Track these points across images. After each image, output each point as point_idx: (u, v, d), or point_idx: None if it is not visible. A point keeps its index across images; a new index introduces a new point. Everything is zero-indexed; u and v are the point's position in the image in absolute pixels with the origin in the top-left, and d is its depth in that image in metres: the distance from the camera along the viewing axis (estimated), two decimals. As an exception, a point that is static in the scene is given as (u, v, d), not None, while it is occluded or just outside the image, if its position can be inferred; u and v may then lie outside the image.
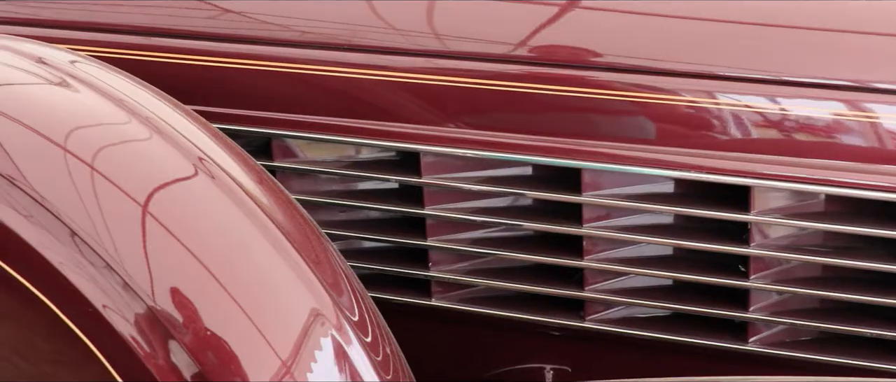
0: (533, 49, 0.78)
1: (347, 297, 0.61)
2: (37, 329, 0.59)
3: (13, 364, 0.62)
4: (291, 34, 0.82)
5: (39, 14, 0.87)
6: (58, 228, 0.57)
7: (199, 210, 0.59)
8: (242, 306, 0.56)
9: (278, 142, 0.81)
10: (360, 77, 0.80)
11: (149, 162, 0.60)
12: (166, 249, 0.56)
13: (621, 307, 0.79)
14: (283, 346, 0.56)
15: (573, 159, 0.76)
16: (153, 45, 0.83)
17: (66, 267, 0.56)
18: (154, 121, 0.63)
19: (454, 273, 0.80)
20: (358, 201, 0.81)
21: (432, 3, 0.83)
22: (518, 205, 0.80)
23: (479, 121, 0.78)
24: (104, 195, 0.58)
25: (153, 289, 0.55)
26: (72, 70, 0.67)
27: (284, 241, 0.59)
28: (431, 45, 0.79)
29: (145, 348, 0.54)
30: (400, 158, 0.81)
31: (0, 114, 0.62)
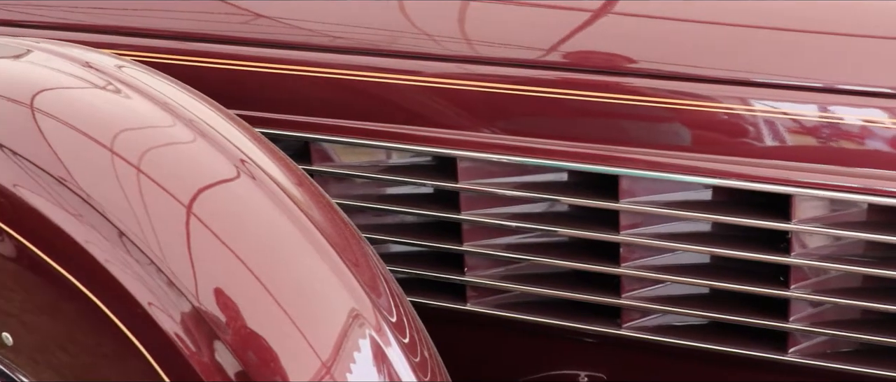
0: (567, 54, 0.78)
1: (386, 299, 0.61)
2: (79, 323, 0.60)
3: (55, 356, 0.64)
4: (330, 39, 0.83)
5: (84, 20, 0.89)
6: (105, 227, 0.58)
7: (242, 211, 0.60)
8: (283, 306, 0.57)
9: (316, 145, 0.82)
10: (397, 82, 0.80)
11: (193, 164, 0.62)
12: (210, 249, 0.57)
13: (658, 314, 0.78)
14: (323, 347, 0.57)
15: (610, 166, 0.75)
16: (194, 50, 0.85)
17: (112, 264, 0.57)
18: (198, 124, 0.65)
19: (489, 278, 0.80)
20: (394, 205, 0.82)
21: (469, 8, 0.83)
22: (553, 211, 0.80)
23: (515, 126, 0.78)
24: (150, 195, 0.59)
25: (197, 288, 0.56)
26: (118, 74, 0.69)
27: (324, 243, 0.60)
28: (467, 51, 0.80)
29: (190, 345, 0.55)
30: (435, 163, 0.81)
31: (50, 117, 0.64)
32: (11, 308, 0.64)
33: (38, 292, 0.62)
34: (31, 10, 0.91)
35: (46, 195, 0.60)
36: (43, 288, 0.61)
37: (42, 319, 0.63)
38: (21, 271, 0.62)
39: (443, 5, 0.83)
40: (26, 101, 0.64)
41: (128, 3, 0.88)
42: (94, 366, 0.61)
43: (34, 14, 0.90)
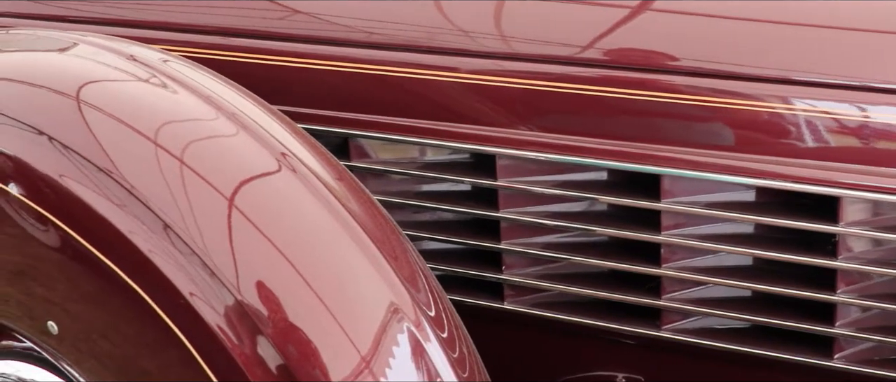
0: (606, 51, 0.77)
1: (425, 294, 0.61)
2: (121, 312, 0.61)
3: (97, 345, 0.64)
4: (370, 36, 0.83)
5: (129, 15, 0.90)
6: (149, 218, 0.58)
7: (283, 204, 0.60)
8: (324, 300, 0.57)
9: (355, 141, 0.82)
10: (436, 79, 0.80)
11: (235, 157, 0.62)
12: (251, 242, 0.58)
13: (699, 317, 0.77)
14: (363, 341, 0.56)
15: (652, 165, 0.74)
16: (235, 46, 0.85)
17: (155, 254, 0.57)
18: (240, 117, 0.65)
19: (527, 277, 0.79)
20: (431, 202, 0.81)
21: (507, 5, 0.83)
22: (592, 210, 0.79)
23: (553, 123, 0.77)
24: (193, 188, 0.60)
25: (238, 281, 0.56)
26: (162, 67, 0.70)
27: (364, 237, 0.60)
28: (506, 48, 0.79)
29: (231, 337, 0.55)
30: (474, 160, 0.81)
31: (95, 109, 0.65)
32: (55, 296, 0.65)
33: (81, 281, 0.63)
34: (77, 6, 0.92)
35: (91, 185, 0.60)
36: (86, 277, 0.62)
37: (85, 308, 0.64)
38: (65, 260, 0.63)
39: (482, 2, 0.82)
40: (72, 93, 0.65)
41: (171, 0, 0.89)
42: (135, 356, 0.62)
43: (80, 9, 0.92)
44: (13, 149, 0.64)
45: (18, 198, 0.63)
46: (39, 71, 0.68)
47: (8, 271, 0.67)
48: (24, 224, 0.64)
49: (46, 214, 0.62)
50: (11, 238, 0.65)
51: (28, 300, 0.67)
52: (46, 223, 0.63)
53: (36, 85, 0.67)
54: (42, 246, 0.64)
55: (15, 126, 0.65)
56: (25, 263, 0.66)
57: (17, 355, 0.70)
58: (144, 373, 0.61)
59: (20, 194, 0.63)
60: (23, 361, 0.70)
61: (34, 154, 0.63)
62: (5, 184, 0.64)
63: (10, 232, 0.65)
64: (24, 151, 0.64)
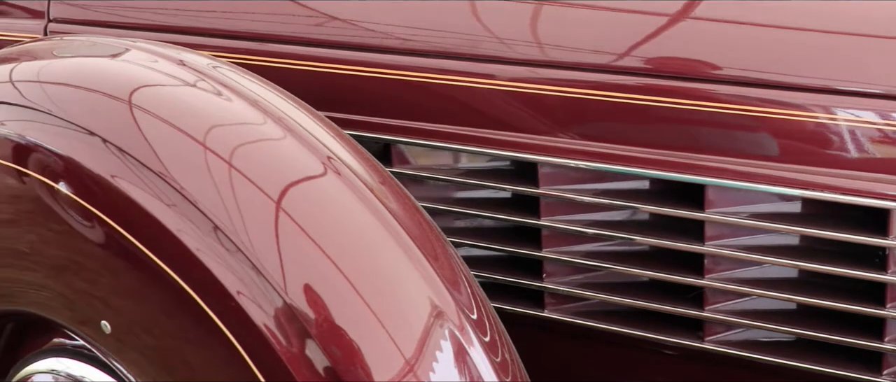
0: (648, 60, 0.76)
1: (467, 298, 0.61)
2: (166, 308, 0.62)
3: (140, 339, 0.66)
4: (410, 43, 0.84)
5: (179, 22, 0.92)
6: (198, 218, 0.60)
7: (330, 207, 0.61)
8: (369, 303, 0.57)
9: (396, 147, 0.83)
10: (477, 86, 0.81)
11: (282, 160, 0.63)
12: (298, 243, 0.58)
13: (742, 329, 0.76)
14: (407, 344, 0.57)
15: (696, 175, 0.74)
16: (281, 52, 0.87)
17: (203, 253, 0.58)
18: (286, 121, 0.66)
19: (568, 285, 0.79)
20: (471, 209, 0.82)
21: (548, 13, 0.83)
22: (634, 219, 0.79)
23: (594, 131, 0.77)
24: (241, 190, 0.61)
25: (285, 281, 0.57)
26: (211, 72, 0.71)
27: (408, 239, 0.61)
28: (548, 56, 0.79)
29: (279, 336, 0.56)
30: (514, 168, 0.81)
31: (146, 113, 0.66)
32: (97, 291, 0.67)
33: (125, 277, 0.64)
34: (128, 13, 0.94)
35: (142, 185, 0.62)
36: (131, 273, 0.63)
37: (128, 303, 0.65)
38: (109, 256, 0.65)
39: (522, 9, 0.82)
40: (125, 97, 0.67)
41: (219, 7, 0.90)
42: (177, 350, 0.63)
43: (132, 16, 0.94)
44: (66, 149, 0.66)
45: (67, 196, 0.65)
46: (93, 76, 0.70)
47: (52, 265, 0.69)
48: (70, 221, 0.66)
49: (95, 211, 0.64)
50: (57, 234, 0.67)
51: (72, 294, 0.68)
52: (93, 220, 0.64)
53: (90, 89, 0.69)
54: (87, 242, 0.65)
55: (69, 128, 0.67)
56: (69, 258, 0.68)
57: (68, 352, 0.72)
58: (188, 368, 0.62)
59: (70, 192, 0.65)
60: (73, 358, 0.72)
61: (86, 154, 0.65)
62: (55, 182, 0.66)
63: (56, 229, 0.67)
64: (77, 152, 0.65)
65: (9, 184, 0.70)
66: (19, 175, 0.69)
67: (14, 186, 0.70)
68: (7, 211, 0.71)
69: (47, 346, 0.74)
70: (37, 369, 0.73)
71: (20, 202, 0.70)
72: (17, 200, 0.70)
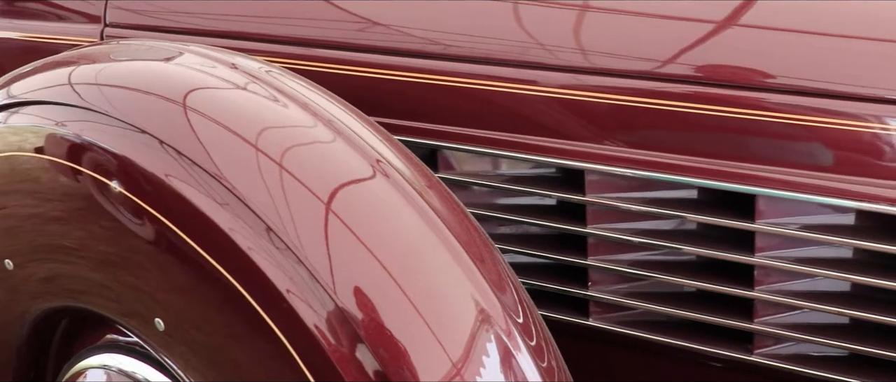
0: (697, 68, 0.76)
1: (513, 302, 0.61)
2: (215, 304, 0.63)
3: (188, 334, 0.67)
4: (459, 49, 0.84)
5: (231, 27, 0.94)
6: (249, 217, 0.60)
7: (379, 209, 0.62)
8: (417, 306, 0.57)
9: (441, 153, 0.83)
10: (524, 92, 0.81)
11: (332, 162, 0.64)
12: (347, 245, 0.59)
13: (792, 342, 0.74)
14: (454, 348, 0.57)
15: (747, 184, 0.73)
16: (328, 57, 0.88)
17: (254, 252, 0.59)
18: (336, 124, 0.67)
19: (614, 294, 0.78)
20: (517, 215, 0.81)
21: (596, 20, 0.83)
22: (682, 229, 0.78)
23: (643, 140, 0.76)
24: (291, 191, 0.61)
25: (334, 281, 0.57)
26: (262, 76, 0.72)
27: (455, 243, 0.61)
28: (595, 63, 0.79)
29: (328, 335, 0.56)
30: (561, 175, 0.81)
31: (200, 114, 0.68)
32: (146, 286, 0.68)
33: (174, 273, 0.65)
34: (182, 18, 0.97)
35: (195, 184, 0.63)
36: (180, 269, 0.65)
37: (177, 298, 0.66)
38: (159, 253, 0.66)
39: (569, 15, 0.82)
40: (179, 99, 0.68)
41: (270, 13, 0.92)
42: (224, 346, 0.64)
43: (185, 21, 0.96)
44: (121, 148, 0.68)
45: (120, 194, 0.67)
46: (149, 78, 0.72)
47: (100, 261, 0.71)
48: (120, 217, 0.67)
49: (148, 209, 0.65)
50: (107, 230, 0.69)
51: (121, 289, 0.69)
52: (144, 217, 0.65)
53: (145, 91, 0.70)
54: (137, 238, 0.67)
55: (124, 128, 0.68)
56: (118, 254, 0.69)
57: (121, 348, 0.74)
58: (235, 364, 0.63)
59: (123, 190, 0.66)
60: (125, 354, 0.73)
61: (141, 154, 0.66)
62: (109, 180, 0.67)
63: (106, 226, 0.69)
64: (132, 151, 0.67)
65: (62, 181, 0.72)
66: (73, 173, 0.70)
67: (67, 184, 0.71)
68: (58, 208, 0.73)
69: (101, 342, 0.76)
70: (90, 364, 0.75)
71: (72, 199, 0.71)
72: (69, 198, 0.72)
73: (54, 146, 0.72)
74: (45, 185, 0.73)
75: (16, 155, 0.75)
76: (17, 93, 0.76)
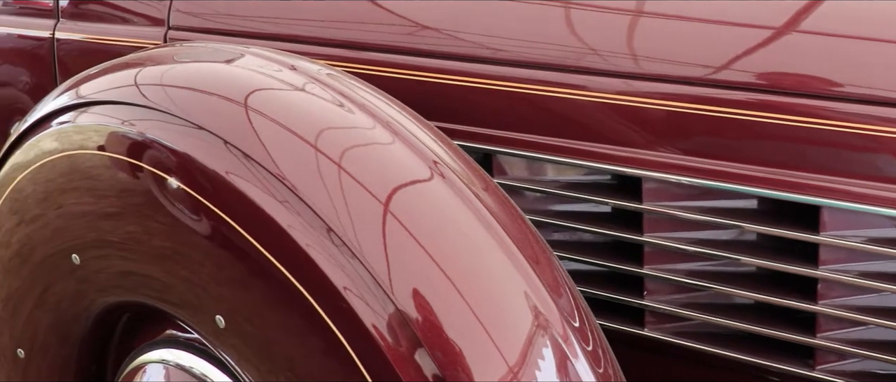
0: (759, 75, 0.74)
1: (568, 304, 0.60)
2: (269, 298, 0.64)
3: (240, 326, 0.67)
4: (514, 54, 0.84)
5: (289, 31, 0.95)
6: (308, 215, 0.61)
7: (436, 211, 0.62)
8: (474, 308, 0.57)
9: (496, 158, 0.83)
10: (579, 98, 0.80)
11: (391, 163, 0.64)
12: (405, 245, 0.59)
13: (857, 359, 0.72)
14: (511, 352, 0.56)
15: (810, 195, 0.71)
16: (384, 61, 0.89)
17: (312, 249, 0.60)
18: (394, 126, 0.67)
19: (670, 304, 0.77)
20: (570, 222, 0.81)
21: (655, 26, 0.81)
22: (741, 239, 0.76)
23: (701, 148, 0.75)
24: (350, 191, 0.62)
25: (391, 281, 0.57)
26: (321, 78, 0.73)
27: (511, 244, 0.60)
28: (653, 69, 0.78)
29: (385, 334, 0.56)
30: (616, 182, 0.80)
31: (260, 114, 0.69)
32: (198, 279, 0.69)
33: (230, 267, 0.66)
34: (243, 22, 0.98)
35: (255, 181, 0.64)
36: (236, 263, 0.65)
37: (231, 292, 0.67)
38: (215, 247, 0.67)
39: (627, 22, 0.82)
40: (241, 100, 0.69)
41: (328, 17, 0.93)
42: (278, 340, 0.64)
43: (246, 25, 0.98)
44: (183, 146, 0.69)
45: (178, 189, 0.68)
46: (212, 79, 0.73)
47: (155, 254, 0.72)
48: (176, 213, 0.68)
49: (206, 204, 0.66)
50: (162, 225, 0.70)
51: (175, 282, 0.70)
52: (200, 212, 0.66)
53: (208, 92, 0.72)
54: (193, 233, 0.68)
55: (185, 126, 0.70)
56: (172, 248, 0.70)
57: (180, 343, 0.75)
58: (288, 358, 0.63)
59: (181, 185, 0.67)
60: (183, 349, 0.74)
61: (202, 151, 0.68)
62: (167, 175, 0.69)
63: (162, 220, 0.70)
64: (193, 148, 0.68)
65: (121, 178, 0.73)
66: (132, 169, 0.72)
67: (125, 180, 0.73)
68: (115, 204, 0.74)
69: (160, 337, 0.77)
70: (149, 358, 0.76)
71: (130, 195, 0.73)
72: (127, 194, 0.73)
73: (116, 143, 0.73)
74: (104, 182, 0.75)
75: (78, 153, 0.77)
76: (84, 94, 0.79)
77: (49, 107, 0.80)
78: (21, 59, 1.16)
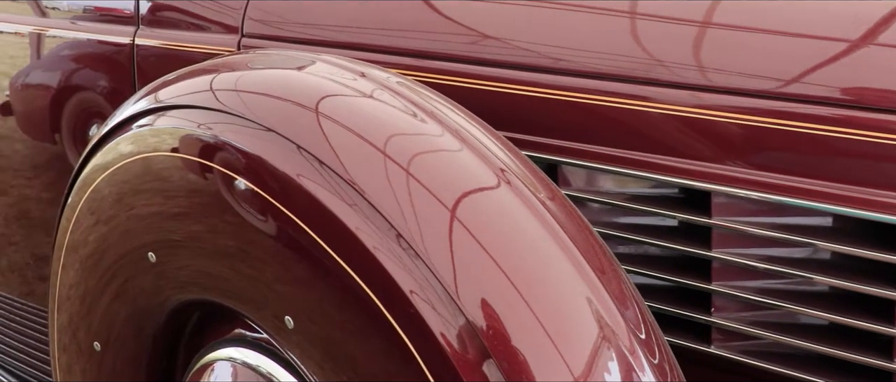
0: (839, 89, 0.72)
1: (635, 315, 0.59)
2: (333, 299, 0.64)
3: (303, 324, 0.68)
4: (581, 65, 0.83)
5: (358, 39, 0.97)
6: (376, 219, 0.62)
7: (503, 218, 0.62)
8: (540, 319, 0.57)
9: (561, 169, 0.82)
10: (647, 110, 0.79)
11: (459, 170, 0.64)
12: (473, 253, 0.59)
13: (940, 387, 0.69)
14: (577, 363, 0.56)
15: (891, 214, 0.68)
16: (451, 70, 0.89)
17: (380, 251, 0.60)
18: (462, 133, 0.67)
19: (739, 322, 0.75)
20: (636, 235, 0.79)
21: (725, 37, 0.80)
22: (814, 258, 0.74)
23: (774, 162, 0.73)
24: (417, 197, 0.62)
25: (458, 288, 0.57)
26: (391, 85, 0.74)
27: (578, 254, 0.60)
28: (726, 82, 0.76)
29: (452, 342, 0.56)
30: (684, 196, 0.78)
31: (330, 120, 0.70)
32: (263, 277, 0.70)
33: (294, 266, 0.67)
34: (315, 31, 1.00)
35: (325, 184, 0.65)
36: (301, 263, 0.66)
37: (295, 290, 0.68)
38: (280, 247, 0.68)
39: (697, 34, 0.80)
40: (312, 105, 0.71)
41: (396, 26, 0.94)
42: (341, 339, 0.65)
43: (318, 34, 1.00)
44: (253, 148, 0.71)
45: (246, 190, 0.69)
46: (284, 85, 0.75)
47: (221, 253, 0.73)
48: (243, 213, 0.70)
49: (275, 204, 0.67)
50: (229, 224, 0.72)
51: (239, 280, 0.72)
52: (268, 213, 0.68)
53: (280, 97, 0.73)
54: (258, 232, 0.69)
55: (257, 129, 0.71)
56: (238, 247, 0.72)
57: (247, 342, 0.76)
58: (350, 358, 0.64)
59: (250, 186, 0.69)
60: (250, 348, 0.76)
61: (272, 153, 0.69)
62: (236, 176, 0.70)
63: (229, 220, 0.72)
64: (263, 150, 0.70)
65: (190, 179, 0.75)
66: (202, 170, 0.74)
67: (195, 181, 0.75)
68: (183, 204, 0.77)
69: (229, 336, 0.79)
70: (217, 356, 0.78)
71: (199, 195, 0.75)
72: (196, 194, 0.75)
73: (189, 145, 0.76)
74: (173, 183, 0.77)
75: (152, 155, 0.80)
76: (162, 99, 0.81)
77: (129, 111, 0.83)
78: (100, 63, 1.20)
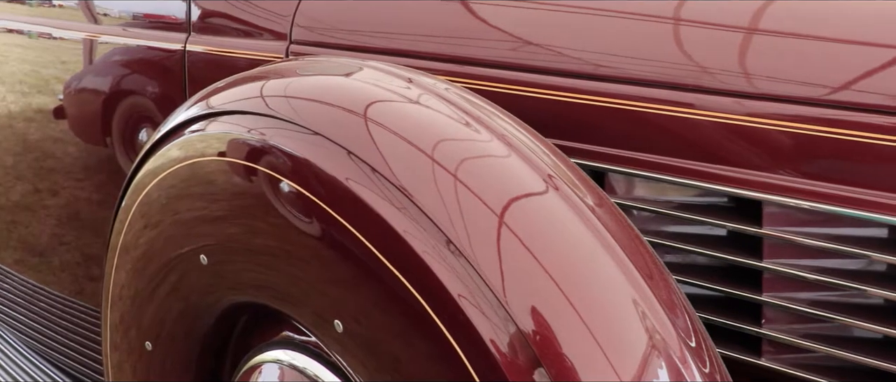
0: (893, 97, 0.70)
1: (684, 323, 0.59)
2: (377, 300, 0.65)
3: (348, 324, 0.69)
4: (630, 72, 0.83)
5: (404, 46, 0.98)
6: (424, 222, 0.62)
7: (552, 224, 0.61)
8: (589, 326, 0.56)
9: (609, 176, 0.82)
10: (696, 118, 0.78)
11: (507, 176, 0.64)
12: (521, 258, 0.59)
13: None
14: (626, 372, 0.55)
15: (951, 226, 0.67)
16: (498, 77, 0.89)
17: (428, 255, 0.61)
18: (510, 139, 0.68)
19: (790, 334, 0.74)
20: (685, 244, 0.78)
21: (774, 44, 0.78)
22: (869, 270, 0.72)
23: (827, 172, 0.72)
24: (465, 202, 0.63)
25: (506, 294, 0.57)
26: (438, 91, 0.74)
27: (628, 261, 0.59)
28: (777, 90, 0.75)
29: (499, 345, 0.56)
30: (733, 205, 0.77)
31: (378, 125, 0.71)
32: (306, 276, 0.71)
33: (338, 267, 0.68)
34: (362, 38, 1.02)
35: (372, 187, 0.66)
36: (345, 263, 0.67)
37: (338, 290, 0.68)
38: (323, 248, 0.69)
39: (746, 40, 0.79)
40: (360, 111, 0.72)
41: (443, 33, 0.95)
42: (385, 340, 0.66)
43: (365, 41, 1.01)
44: (300, 151, 0.72)
45: (291, 192, 0.70)
46: (333, 91, 0.76)
47: (265, 254, 0.74)
48: (287, 214, 0.71)
49: (322, 205, 0.68)
50: (272, 226, 0.73)
51: (281, 280, 0.72)
52: (312, 215, 0.69)
53: (329, 103, 0.74)
54: (302, 234, 0.70)
55: (306, 133, 0.72)
56: (280, 248, 0.73)
57: (294, 345, 0.77)
58: (394, 359, 0.64)
59: (296, 188, 0.70)
60: (297, 351, 0.76)
61: (320, 157, 0.70)
62: (281, 178, 0.71)
63: (272, 222, 0.72)
64: (311, 154, 0.71)
65: (236, 182, 0.77)
66: (247, 172, 0.75)
67: (239, 183, 0.76)
68: (225, 207, 0.78)
69: (277, 338, 0.80)
70: (265, 358, 0.79)
71: (243, 198, 0.76)
72: (240, 196, 0.76)
73: (236, 149, 0.77)
74: (218, 186, 0.78)
75: (199, 160, 0.81)
76: (213, 105, 0.83)
77: (181, 118, 0.85)
78: (152, 69, 1.23)
